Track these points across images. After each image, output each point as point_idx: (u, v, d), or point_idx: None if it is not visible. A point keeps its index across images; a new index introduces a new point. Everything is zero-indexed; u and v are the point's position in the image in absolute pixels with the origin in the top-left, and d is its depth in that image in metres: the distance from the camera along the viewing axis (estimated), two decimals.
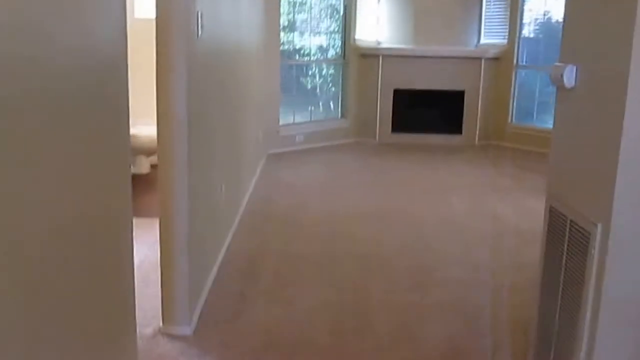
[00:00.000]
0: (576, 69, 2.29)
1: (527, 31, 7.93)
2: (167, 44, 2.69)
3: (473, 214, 5.21)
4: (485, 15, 8.11)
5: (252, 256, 4.12)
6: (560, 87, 2.41)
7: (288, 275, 3.85)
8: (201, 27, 3.02)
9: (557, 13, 7.74)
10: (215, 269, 3.71)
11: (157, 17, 2.67)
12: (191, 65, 2.86)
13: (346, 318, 3.30)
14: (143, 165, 5.45)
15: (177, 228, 2.93)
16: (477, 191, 5.91)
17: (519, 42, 7.89)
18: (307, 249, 4.28)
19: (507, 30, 7.93)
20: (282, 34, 7.27)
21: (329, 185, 6.02)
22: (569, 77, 2.30)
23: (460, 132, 8.06)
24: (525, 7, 7.81)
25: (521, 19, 7.85)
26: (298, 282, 3.75)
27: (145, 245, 3.86)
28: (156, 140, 2.88)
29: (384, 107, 8.00)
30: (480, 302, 3.54)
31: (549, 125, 8.00)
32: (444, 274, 3.93)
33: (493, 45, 8.02)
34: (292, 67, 7.60)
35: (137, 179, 5.63)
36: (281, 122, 7.37)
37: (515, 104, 8.04)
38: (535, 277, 2.55)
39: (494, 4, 8.05)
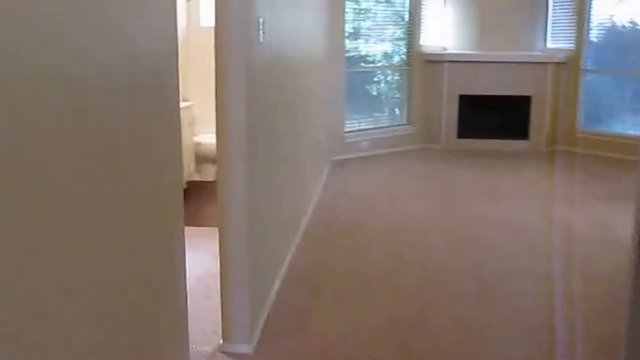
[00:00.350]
0: None
1: (593, 35, 7.41)
2: (225, 52, 2.49)
3: (542, 221, 4.83)
4: (551, 20, 7.64)
5: (316, 268, 3.88)
6: None
7: (353, 289, 3.60)
8: (262, 34, 2.81)
9: (622, 17, 7.22)
10: (277, 283, 3.49)
11: (216, 25, 2.47)
12: (251, 73, 2.66)
13: (412, 336, 3.03)
14: (209, 173, 5.31)
15: (236, 239, 2.73)
16: (545, 198, 5.51)
17: (585, 46, 7.38)
18: (373, 261, 4.02)
19: (574, 34, 7.44)
20: (347, 41, 7.03)
21: (394, 193, 5.73)
22: None
23: (527, 138, 7.61)
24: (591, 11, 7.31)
25: (588, 22, 7.34)
26: (363, 296, 3.49)
27: (209, 256, 3.69)
28: None
29: (449, 113, 7.64)
30: (554, 317, 3.20)
31: (618, 129, 7.61)
32: (514, 285, 3.60)
33: (559, 50, 7.54)
34: (357, 74, 7.34)
35: (203, 186, 5.50)
36: (346, 129, 7.12)
37: (582, 108, 7.53)
38: (612, 289, 2.20)
39: (559, 8, 7.58)
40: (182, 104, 5.23)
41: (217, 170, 2.71)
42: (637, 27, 7.26)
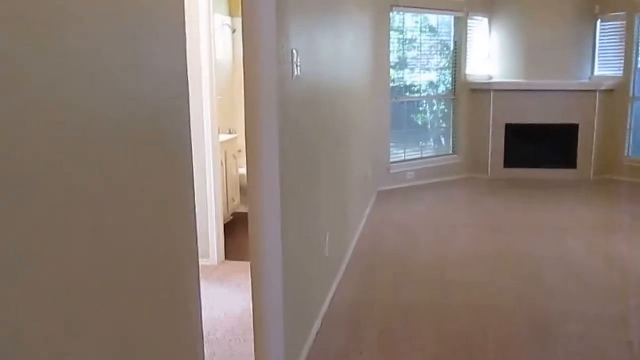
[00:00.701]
0: None
1: None
2: (254, 88, 2.28)
3: (595, 257, 4.43)
4: (598, 47, 7.23)
5: (358, 307, 3.60)
6: None
7: (397, 329, 3.30)
8: (297, 66, 2.60)
9: None
10: (317, 323, 3.23)
11: (244, 59, 2.28)
12: (286, 107, 2.45)
13: None
14: None
15: (269, 278, 2.49)
16: (596, 231, 5.09)
17: (634, 74, 6.93)
18: (418, 299, 3.71)
19: (622, 61, 7.00)
20: (392, 71, 6.79)
21: (440, 224, 5.41)
22: None
23: (575, 167, 7.17)
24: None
25: (637, 50, 6.90)
26: (408, 337, 3.19)
27: (250, 293, 3.46)
28: None
29: (495, 142, 7.27)
30: None
31: None
32: (569, 328, 3.25)
33: (607, 78, 7.11)
34: (403, 103, 7.08)
35: (245, 219, 5.31)
36: (392, 159, 6.85)
37: (631, 136, 7.05)
38: None
39: (608, 36, 7.16)
40: (227, 137, 5.11)
41: (249, 207, 2.49)
42: None
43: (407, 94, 7.15)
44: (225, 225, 4.56)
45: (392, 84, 6.78)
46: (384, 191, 6.58)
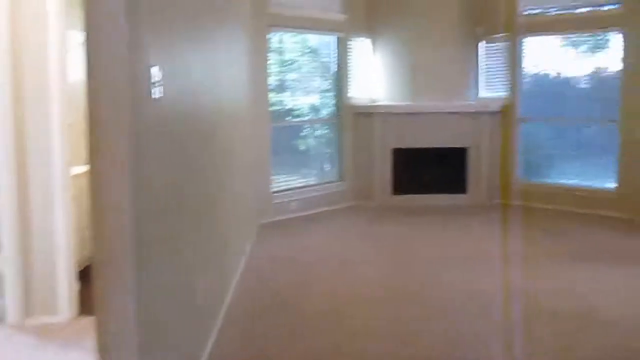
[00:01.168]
0: None
1: (526, 83, 7.23)
2: (100, 110, 1.89)
3: (499, 290, 4.28)
4: (483, 69, 7.43)
5: None
6: None
7: None
8: (157, 86, 2.23)
9: (552, 65, 7.12)
10: None
11: (87, 76, 1.88)
12: (142, 134, 2.06)
13: None
14: None
15: (120, 340, 2.06)
16: (495, 260, 5.01)
17: (519, 95, 7.18)
18: (312, 350, 3.35)
19: (507, 83, 7.23)
20: (272, 94, 6.54)
21: (331, 258, 5.14)
22: None
23: (465, 192, 7.24)
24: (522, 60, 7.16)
25: (520, 71, 7.16)
26: None
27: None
28: None
29: (382, 168, 7.20)
30: None
31: (557, 179, 7.36)
32: None
33: (493, 99, 7.31)
34: (284, 128, 6.83)
35: None
36: (274, 189, 6.55)
37: (520, 158, 7.28)
38: None
39: (491, 57, 7.38)
40: (84, 168, 4.55)
41: (93, 250, 2.06)
42: (568, 75, 7.14)
43: (289, 118, 6.93)
44: (81, 271, 4.00)
45: (272, 108, 6.52)
46: (267, 224, 6.25)
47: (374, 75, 7.44)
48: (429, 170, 7.29)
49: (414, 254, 5.23)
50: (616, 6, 6.48)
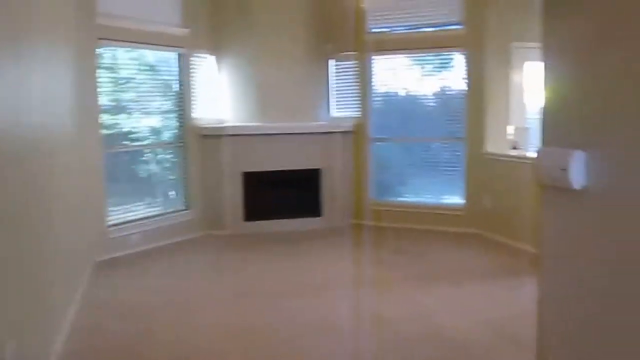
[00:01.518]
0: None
1: (377, 103, 7.25)
2: None
3: (356, 319, 4.07)
4: (334, 87, 7.35)
5: None
6: (554, 187, 1.47)
7: None
8: None
9: (401, 86, 7.21)
10: None
11: None
12: None
13: None
14: None
15: None
16: (352, 287, 4.81)
17: (371, 115, 7.17)
18: None
19: (358, 102, 7.20)
20: (105, 116, 5.93)
21: (177, 298, 4.63)
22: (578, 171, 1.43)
23: (320, 215, 7.06)
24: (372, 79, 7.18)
25: (370, 90, 7.16)
26: None
27: None
28: None
29: (233, 193, 6.81)
30: None
31: (410, 198, 7.41)
32: None
33: (345, 119, 7.24)
34: (121, 154, 6.23)
35: None
36: (111, 222, 5.92)
37: (373, 178, 7.26)
38: None
39: (341, 76, 7.32)
40: None
41: None
42: (414, 95, 7.24)
43: (127, 142, 6.33)
44: None
45: (106, 131, 5.90)
46: (104, 262, 5.60)
47: (220, 94, 7.07)
48: (282, 194, 7.02)
49: (264, 288, 4.85)
50: (458, 27, 6.68)
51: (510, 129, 6.45)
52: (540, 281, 1.64)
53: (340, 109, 7.30)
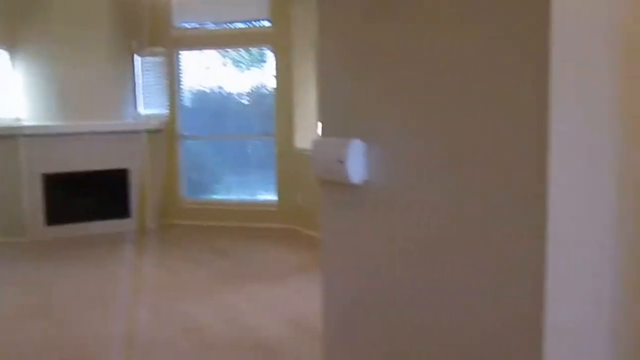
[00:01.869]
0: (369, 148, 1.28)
1: (187, 100, 7.23)
2: None
3: (164, 326, 3.97)
4: (140, 84, 7.18)
5: None
6: (332, 182, 1.40)
7: None
8: None
9: (211, 83, 7.25)
10: None
11: None
12: None
13: None
14: None
15: None
16: (164, 292, 4.69)
17: (180, 112, 7.12)
18: None
19: (167, 99, 7.11)
20: None
21: None
22: (356, 163, 1.29)
23: (129, 216, 6.90)
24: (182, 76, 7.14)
25: (179, 87, 7.11)
26: None
27: None
28: None
29: (32, 197, 6.44)
30: None
31: (223, 196, 7.46)
32: None
33: (154, 116, 7.12)
34: None
35: None
36: None
37: (185, 177, 7.23)
38: None
39: (148, 72, 7.16)
40: None
41: None
42: (226, 92, 7.29)
43: None
44: None
45: None
46: None
47: (15, 92, 6.68)
48: (88, 195, 6.78)
49: (62, 300, 4.66)
50: (267, 24, 6.81)
51: (320, 125, 6.66)
52: (322, 282, 1.49)
53: (149, 106, 7.17)
